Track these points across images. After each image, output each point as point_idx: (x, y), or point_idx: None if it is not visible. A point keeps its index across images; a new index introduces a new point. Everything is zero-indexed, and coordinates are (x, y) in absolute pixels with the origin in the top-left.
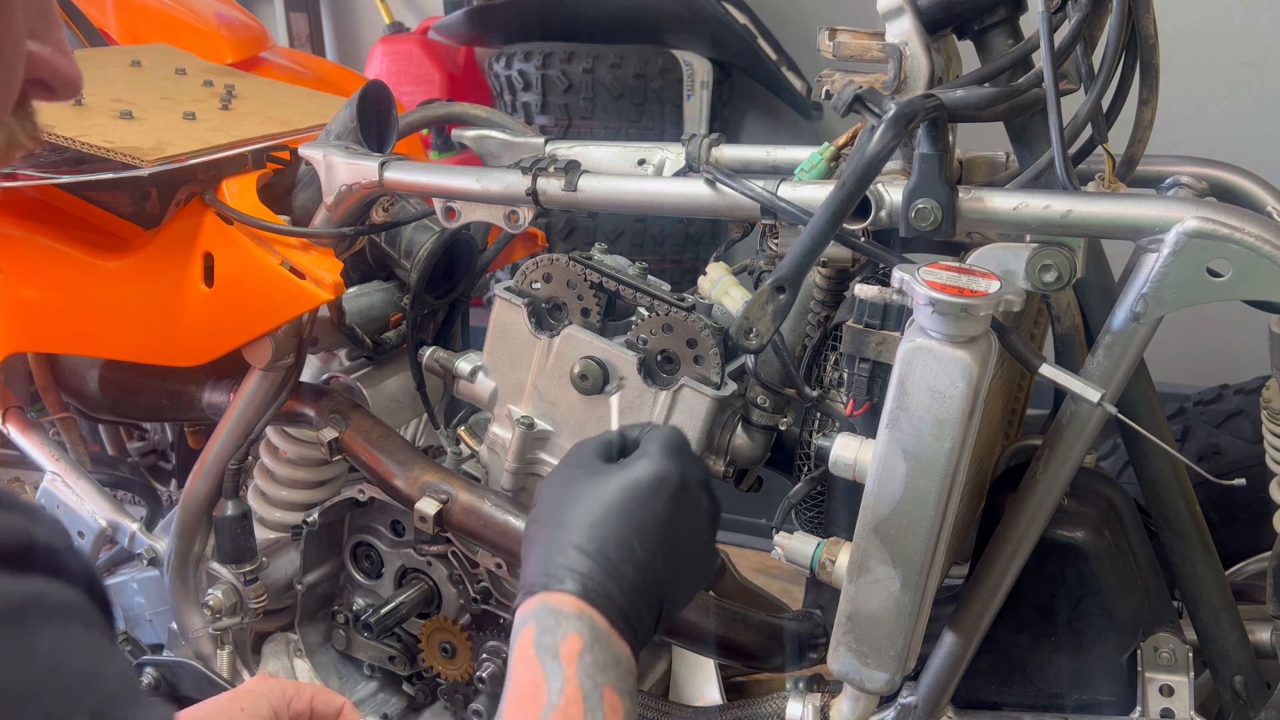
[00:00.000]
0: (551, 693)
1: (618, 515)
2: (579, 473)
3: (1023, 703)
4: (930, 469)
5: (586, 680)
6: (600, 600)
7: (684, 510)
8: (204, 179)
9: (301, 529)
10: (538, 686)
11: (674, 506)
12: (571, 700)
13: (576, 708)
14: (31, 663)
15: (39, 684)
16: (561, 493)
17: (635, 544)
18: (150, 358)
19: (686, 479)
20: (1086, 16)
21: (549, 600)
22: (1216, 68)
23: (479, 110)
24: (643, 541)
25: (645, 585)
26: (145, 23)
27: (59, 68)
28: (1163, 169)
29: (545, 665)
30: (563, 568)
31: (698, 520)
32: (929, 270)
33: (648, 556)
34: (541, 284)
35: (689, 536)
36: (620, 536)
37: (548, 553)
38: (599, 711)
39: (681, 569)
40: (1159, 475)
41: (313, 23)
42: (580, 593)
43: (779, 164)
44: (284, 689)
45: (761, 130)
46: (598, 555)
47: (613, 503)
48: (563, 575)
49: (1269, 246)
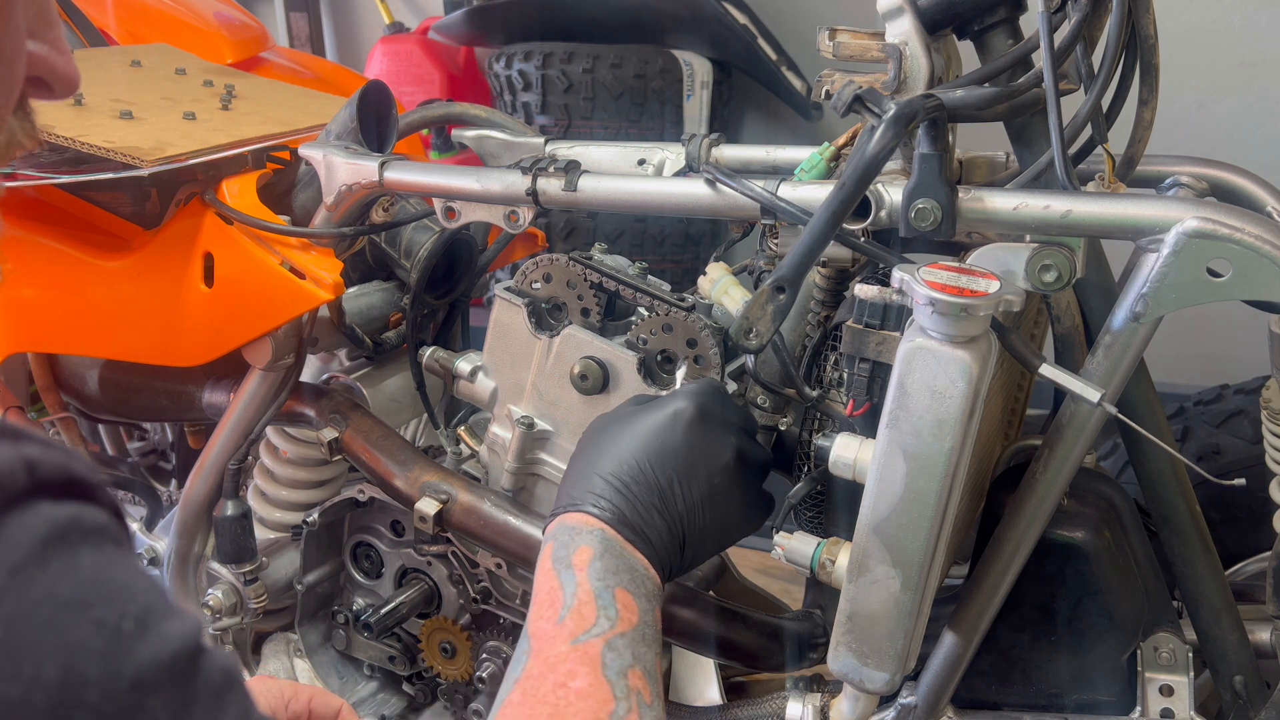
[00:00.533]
0: (566, 596)
1: (634, 444)
2: (612, 417)
3: (1023, 703)
4: (930, 469)
5: (598, 582)
6: (611, 516)
7: (701, 441)
8: (204, 179)
9: (301, 529)
10: (555, 593)
11: (689, 437)
12: (584, 601)
13: (590, 606)
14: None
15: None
16: (593, 436)
17: (649, 467)
18: (150, 358)
19: (707, 413)
20: (1086, 16)
21: (566, 520)
22: (1216, 68)
23: (479, 110)
24: (656, 466)
25: (660, 505)
26: (145, 23)
27: (57, 66)
28: (1163, 169)
29: (560, 575)
30: (581, 491)
31: (722, 454)
32: (929, 270)
33: (662, 479)
34: (541, 284)
35: (709, 467)
36: (633, 461)
37: (569, 483)
38: (612, 607)
39: (704, 500)
40: (1159, 475)
41: (313, 23)
42: (593, 511)
43: (779, 164)
44: (282, 690)
45: (761, 130)
46: (611, 477)
47: (632, 435)
48: (578, 496)
49: (1269, 246)
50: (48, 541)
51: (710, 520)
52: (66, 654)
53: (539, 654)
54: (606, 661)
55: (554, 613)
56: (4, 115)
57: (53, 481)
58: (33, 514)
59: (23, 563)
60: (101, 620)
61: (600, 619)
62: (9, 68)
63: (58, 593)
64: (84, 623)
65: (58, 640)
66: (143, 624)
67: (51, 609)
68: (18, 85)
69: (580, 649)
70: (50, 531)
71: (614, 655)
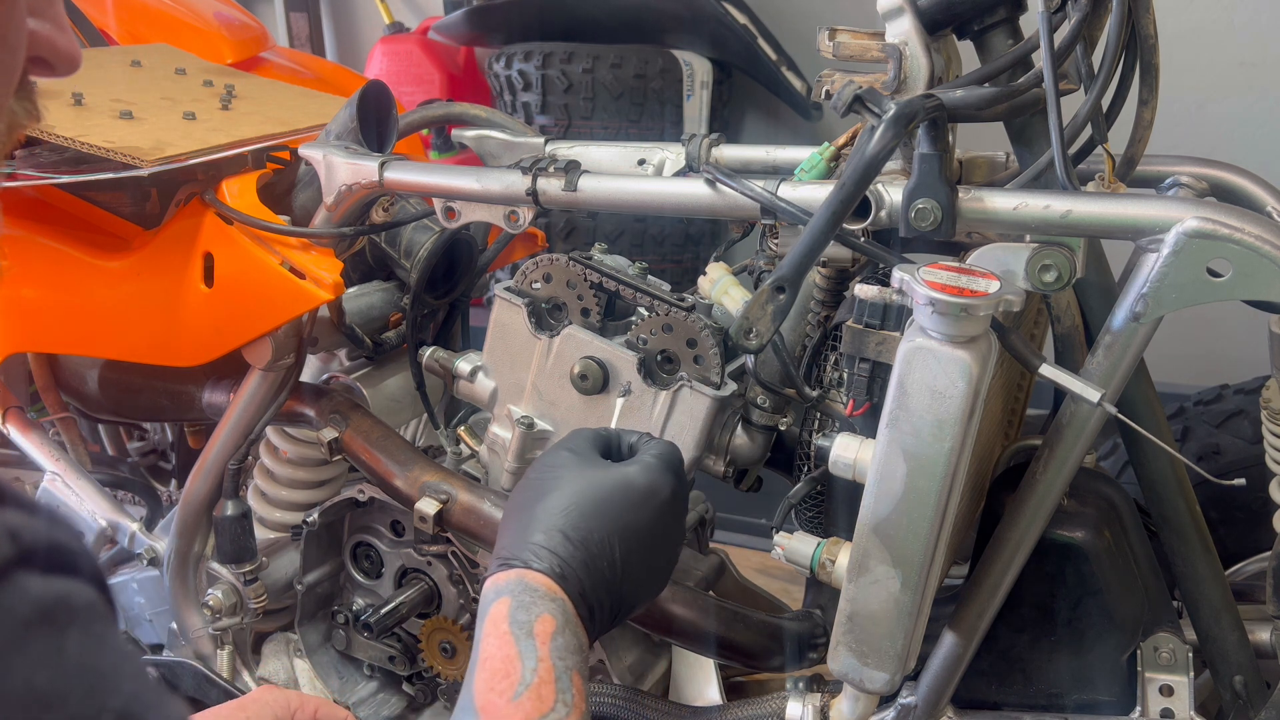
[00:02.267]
0: (525, 671)
1: (606, 512)
2: (575, 459)
3: (1023, 703)
4: (930, 469)
5: (559, 661)
6: (573, 587)
7: (666, 525)
8: (204, 179)
9: (301, 529)
10: (511, 663)
11: (658, 519)
12: (544, 680)
13: (549, 687)
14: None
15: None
16: (555, 475)
17: (615, 544)
18: (150, 358)
19: (676, 497)
20: (1086, 16)
21: (526, 577)
22: (1216, 68)
23: (479, 110)
24: (622, 544)
25: (613, 584)
26: (145, 23)
27: (58, 44)
28: (1163, 169)
29: (520, 643)
30: (544, 548)
31: (675, 539)
32: (929, 270)
33: (624, 559)
34: (541, 284)
35: (663, 551)
36: (604, 533)
37: (530, 529)
38: (569, 692)
39: (647, 579)
40: (1159, 475)
41: (313, 23)
42: (557, 576)
43: (779, 164)
44: (288, 699)
45: (761, 130)
46: (580, 545)
47: (604, 498)
48: (543, 555)
49: (1269, 246)
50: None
51: (641, 602)
52: None
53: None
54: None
55: (509, 686)
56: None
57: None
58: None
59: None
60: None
61: (558, 704)
62: (11, 55)
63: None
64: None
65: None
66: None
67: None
68: (19, 70)
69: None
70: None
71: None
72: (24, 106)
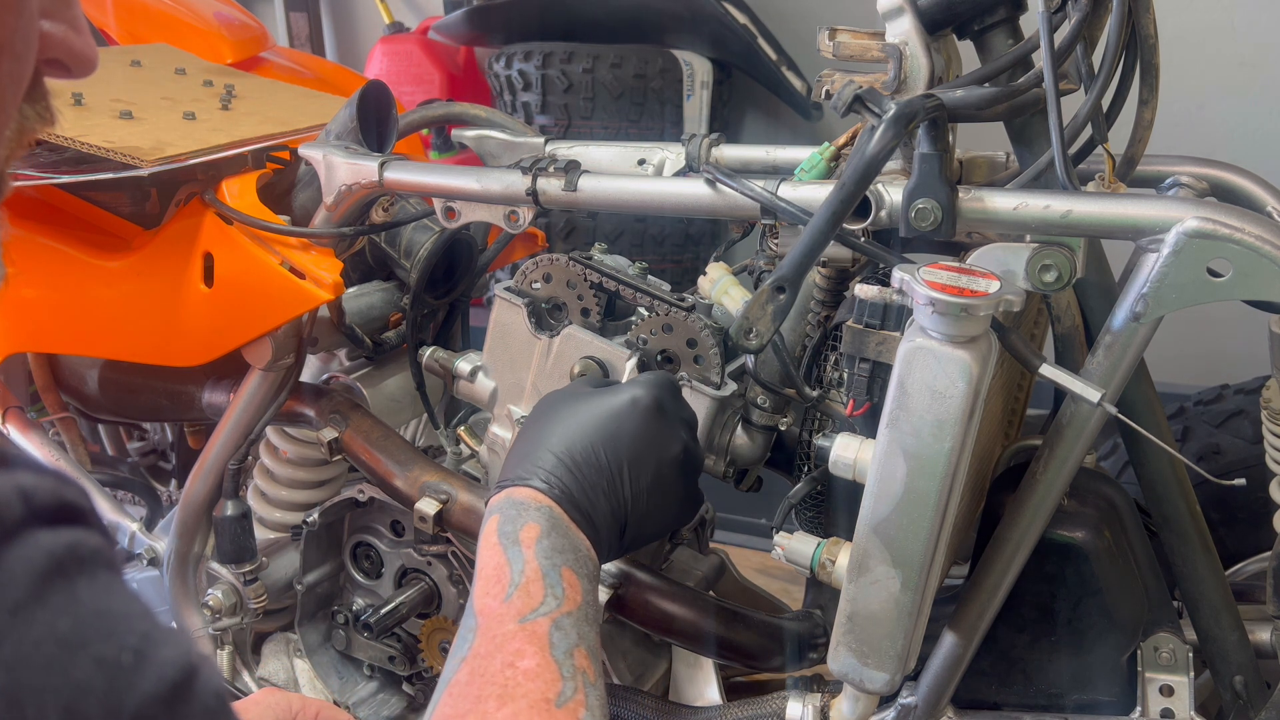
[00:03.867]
0: (514, 574)
1: (588, 425)
2: (567, 395)
3: (1023, 703)
4: (930, 469)
5: (544, 560)
6: (560, 494)
7: (654, 431)
8: (204, 179)
9: (301, 529)
10: (501, 569)
11: (643, 425)
12: (532, 579)
13: (537, 585)
14: (79, 610)
15: (88, 630)
16: (547, 411)
17: (601, 451)
18: (150, 358)
19: (662, 405)
20: (1086, 16)
21: (514, 494)
22: (1216, 68)
23: (479, 110)
24: (609, 450)
25: (607, 488)
26: (145, 23)
27: (75, 46)
28: (1163, 169)
29: (507, 551)
30: (531, 466)
31: (671, 446)
32: (929, 270)
33: (612, 463)
34: (541, 284)
35: (659, 457)
36: (586, 442)
37: (521, 456)
38: (558, 586)
39: (649, 488)
40: (1159, 475)
41: (313, 23)
42: (542, 487)
43: (779, 164)
44: (290, 702)
45: (761, 130)
46: (564, 455)
47: (587, 416)
48: (528, 473)
49: (1269, 246)
50: (46, 575)
51: (650, 509)
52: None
53: (486, 632)
54: (554, 641)
55: (501, 589)
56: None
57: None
58: (30, 545)
59: (23, 600)
60: (101, 657)
61: (548, 598)
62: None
63: (58, 631)
64: (85, 661)
65: (60, 683)
66: (140, 655)
67: (52, 649)
68: (28, 75)
69: (528, 628)
70: (49, 564)
71: (561, 635)
72: (36, 110)
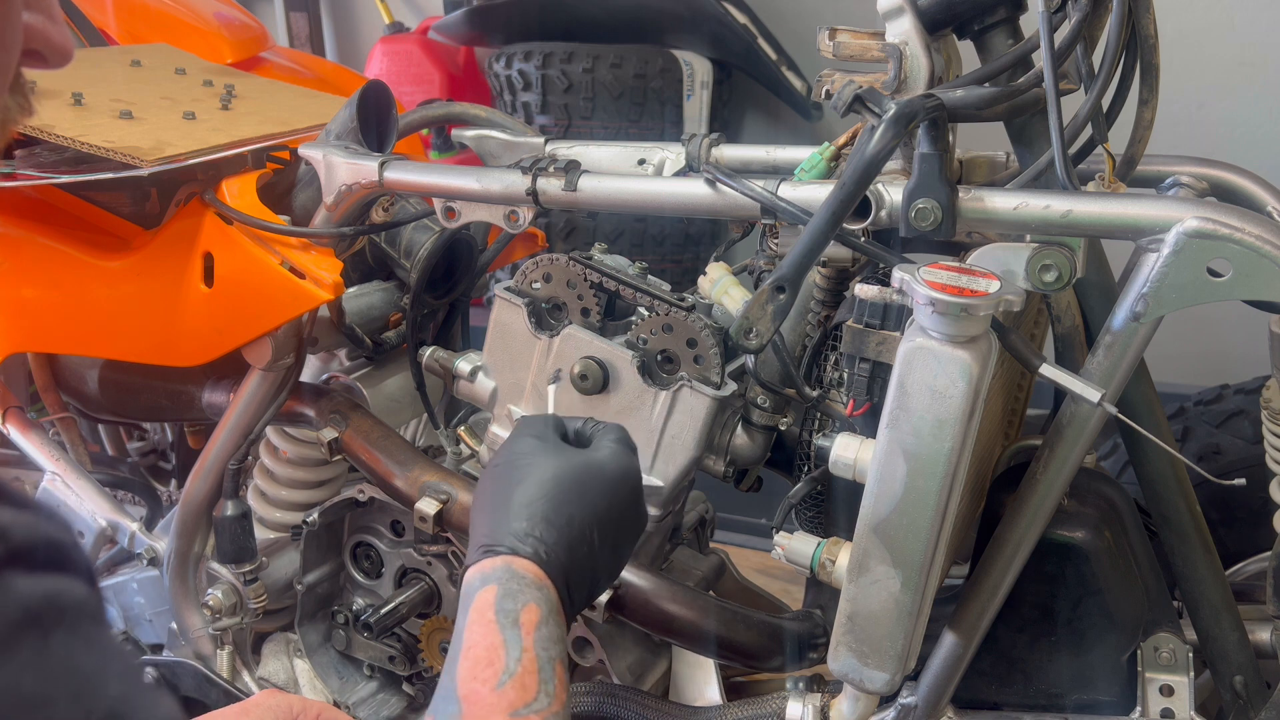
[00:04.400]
0: (509, 660)
1: (584, 497)
2: (542, 446)
3: (1023, 703)
4: (930, 469)
5: (542, 652)
6: (558, 575)
7: (635, 508)
8: (204, 179)
9: (301, 529)
10: (495, 651)
11: (629, 503)
12: (528, 670)
13: (532, 678)
14: (48, 666)
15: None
16: (527, 461)
17: (594, 530)
18: (150, 358)
19: (640, 481)
20: (1086, 16)
21: (514, 564)
22: (1216, 68)
23: (479, 110)
24: (600, 529)
25: (590, 570)
26: (145, 23)
27: (52, 37)
28: (1163, 169)
29: (505, 632)
30: (529, 534)
31: (640, 522)
32: (929, 270)
33: (601, 544)
34: (541, 284)
35: (631, 534)
36: (583, 519)
37: (511, 515)
38: (551, 683)
39: (614, 563)
40: (1159, 475)
41: (313, 23)
42: (543, 562)
43: (779, 164)
44: (290, 704)
45: (761, 130)
46: (563, 530)
47: (582, 484)
48: (529, 542)
49: (1269, 246)
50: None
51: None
52: None
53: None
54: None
55: (493, 675)
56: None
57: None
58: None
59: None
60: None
61: (541, 695)
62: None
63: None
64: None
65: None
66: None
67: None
68: (13, 66)
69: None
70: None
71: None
72: (17, 101)
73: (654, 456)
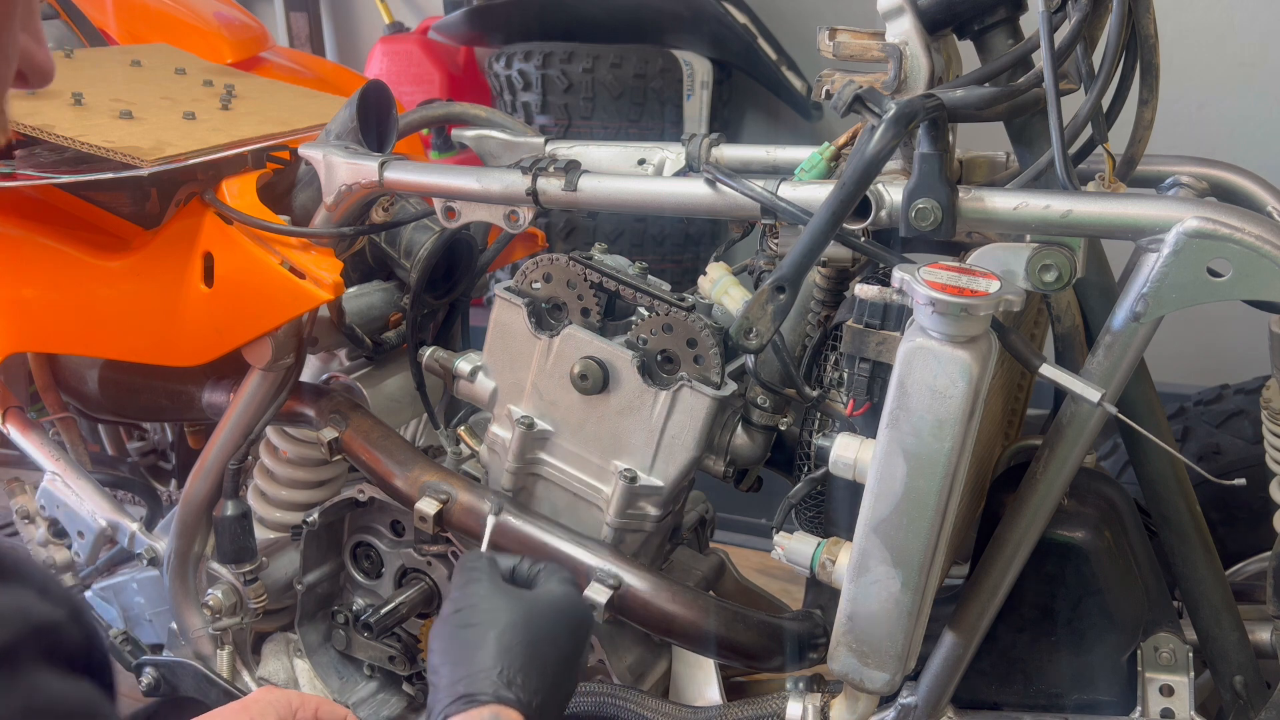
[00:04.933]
0: None
1: (554, 642)
2: (494, 589)
3: (1023, 703)
4: (930, 469)
5: None
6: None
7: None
8: (204, 179)
9: (301, 529)
10: None
11: (584, 640)
12: None
13: None
14: None
15: None
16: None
17: (564, 673)
18: (150, 358)
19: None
20: (1086, 16)
21: (501, 714)
22: (1216, 68)
23: (479, 110)
24: (567, 668)
25: (562, 706)
26: (145, 23)
27: (36, 58)
28: (1163, 169)
29: None
30: (510, 683)
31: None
32: (929, 270)
33: (568, 684)
34: (541, 284)
35: (584, 664)
36: (555, 662)
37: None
38: None
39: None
40: (1159, 475)
41: (313, 23)
42: (529, 711)
43: (779, 164)
44: (289, 699)
45: (761, 130)
46: (542, 675)
47: (550, 627)
48: (513, 690)
49: (1269, 246)
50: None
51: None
52: None
53: None
54: None
55: None
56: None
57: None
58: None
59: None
60: None
61: None
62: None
63: None
64: None
65: None
66: None
67: None
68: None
69: None
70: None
71: None
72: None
73: (654, 456)
